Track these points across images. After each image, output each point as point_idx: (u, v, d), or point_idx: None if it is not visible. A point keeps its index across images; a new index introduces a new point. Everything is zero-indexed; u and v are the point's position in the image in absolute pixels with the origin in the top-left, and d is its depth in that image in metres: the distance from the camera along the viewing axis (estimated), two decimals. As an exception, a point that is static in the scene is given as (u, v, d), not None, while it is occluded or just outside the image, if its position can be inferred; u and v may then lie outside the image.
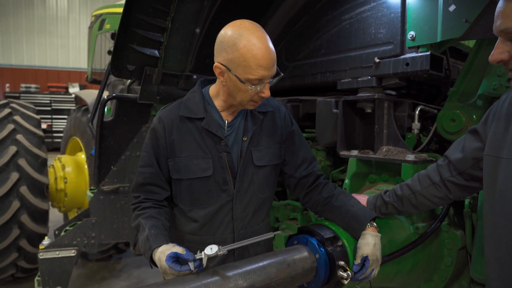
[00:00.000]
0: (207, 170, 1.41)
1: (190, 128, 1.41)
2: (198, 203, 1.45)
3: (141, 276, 4.13)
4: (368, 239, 1.37)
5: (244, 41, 1.24)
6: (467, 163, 1.28)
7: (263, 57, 1.25)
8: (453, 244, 1.65)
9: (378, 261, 1.37)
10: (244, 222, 1.49)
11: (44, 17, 15.84)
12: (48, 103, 13.80)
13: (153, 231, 1.32)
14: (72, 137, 4.94)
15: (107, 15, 5.76)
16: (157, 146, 1.43)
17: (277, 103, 1.58)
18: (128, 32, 2.16)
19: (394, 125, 1.87)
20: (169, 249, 1.22)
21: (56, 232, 3.08)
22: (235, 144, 1.45)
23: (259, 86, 1.30)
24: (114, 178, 2.77)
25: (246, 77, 1.27)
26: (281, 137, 1.53)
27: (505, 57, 0.99)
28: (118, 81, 4.67)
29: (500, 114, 1.15)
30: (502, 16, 0.96)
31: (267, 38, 1.29)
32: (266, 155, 1.48)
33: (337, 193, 1.53)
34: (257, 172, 1.48)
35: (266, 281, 1.22)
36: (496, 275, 1.12)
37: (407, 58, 1.72)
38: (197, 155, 1.41)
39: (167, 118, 1.43)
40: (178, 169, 1.42)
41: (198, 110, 1.42)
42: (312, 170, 1.57)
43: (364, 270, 1.34)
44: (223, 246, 1.19)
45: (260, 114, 1.48)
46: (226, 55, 1.27)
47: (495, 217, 1.12)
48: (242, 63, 1.25)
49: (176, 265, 1.16)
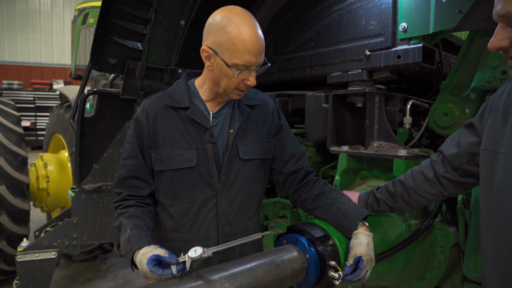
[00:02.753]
0: (191, 161, 1.36)
1: (174, 118, 1.37)
2: (180, 196, 1.38)
3: (127, 277, 4.05)
4: (361, 238, 1.33)
5: (233, 25, 1.23)
6: (463, 158, 1.24)
7: (252, 42, 1.23)
8: (446, 241, 1.62)
9: (372, 261, 1.33)
10: (230, 218, 1.43)
11: (26, 12, 15.48)
12: (31, 100, 13.50)
13: (135, 232, 1.26)
14: (54, 135, 4.82)
15: (91, 9, 5.62)
16: (141, 136, 1.38)
17: (265, 97, 1.54)
18: (108, 23, 2.06)
19: (385, 120, 1.82)
20: (151, 251, 1.16)
21: (37, 233, 2.97)
22: (221, 136, 1.40)
23: (245, 73, 1.27)
24: (96, 177, 2.67)
25: (233, 61, 1.25)
26: (269, 131, 1.49)
27: (506, 44, 0.94)
28: (100, 76, 4.55)
29: (498, 107, 1.10)
30: (503, 1, 0.91)
31: (257, 25, 1.28)
32: (253, 149, 1.44)
33: (327, 190, 1.49)
34: (243, 166, 1.43)
35: (253, 284, 1.17)
36: (494, 275, 1.08)
37: (399, 50, 1.68)
38: (181, 145, 1.36)
39: (151, 107, 1.39)
40: (161, 160, 1.37)
41: (183, 99, 1.38)
42: (301, 166, 1.54)
43: (358, 271, 1.29)
44: (208, 248, 1.14)
45: (247, 107, 1.45)
46: (215, 38, 1.26)
47: (492, 215, 1.07)
48: (230, 47, 1.23)
49: (158, 269, 1.10)
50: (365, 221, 1.40)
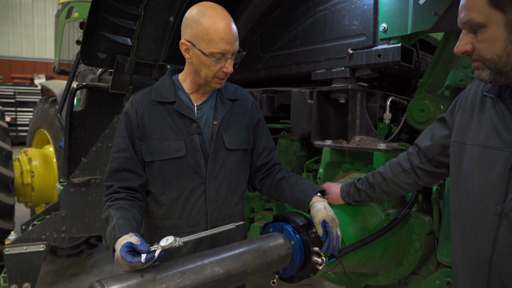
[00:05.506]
0: (179, 151, 1.44)
1: (162, 112, 1.45)
2: (170, 185, 1.46)
3: (114, 271, 4.06)
4: (317, 205, 1.45)
5: (207, 17, 1.34)
6: (436, 150, 1.34)
7: (225, 31, 1.34)
8: (422, 229, 1.72)
9: (335, 220, 1.43)
10: (217, 204, 1.52)
11: (5, 4, 15.03)
12: (12, 95, 13.16)
13: (121, 221, 1.26)
14: (39, 130, 4.75)
15: (75, 3, 5.57)
16: (131, 129, 1.44)
17: (245, 93, 1.67)
18: (98, 18, 2.09)
19: (366, 116, 1.91)
20: (126, 239, 1.15)
21: (23, 227, 2.96)
22: (206, 127, 1.50)
23: (222, 61, 1.37)
24: (85, 170, 2.69)
25: (209, 50, 1.35)
26: (248, 124, 1.61)
27: (469, 48, 1.04)
28: (88, 70, 4.52)
29: (466, 103, 1.20)
30: (465, 9, 1.01)
31: (229, 16, 1.40)
32: (237, 139, 1.55)
33: (288, 176, 1.63)
34: (228, 156, 1.53)
35: (242, 268, 1.23)
36: (460, 254, 1.18)
37: (379, 49, 1.76)
38: (169, 137, 1.44)
39: (139, 102, 1.47)
40: (150, 152, 1.44)
41: (169, 94, 1.47)
42: (271, 158, 1.68)
43: (330, 234, 1.38)
44: (180, 238, 1.14)
45: (229, 100, 1.56)
46: (191, 31, 1.37)
47: (459, 200, 1.18)
48: (205, 37, 1.34)
49: (128, 256, 1.07)
50: (320, 194, 1.52)
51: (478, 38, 1.01)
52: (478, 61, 1.04)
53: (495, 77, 1.03)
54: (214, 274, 1.16)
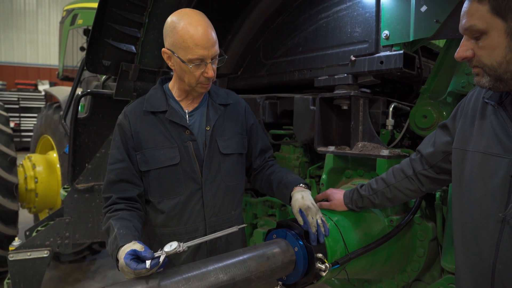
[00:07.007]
0: (174, 159, 1.45)
1: (154, 122, 1.47)
2: (167, 193, 1.47)
3: (116, 277, 4.06)
4: (295, 196, 1.48)
5: (182, 24, 1.35)
6: (438, 156, 1.34)
7: (200, 37, 1.34)
8: (425, 235, 1.72)
9: (312, 207, 1.43)
10: (215, 209, 1.52)
11: (10, 11, 15.17)
12: (15, 101, 13.23)
13: (122, 231, 1.26)
14: (43, 135, 4.78)
15: (80, 10, 5.61)
16: (125, 140, 1.46)
17: (237, 97, 1.69)
18: (103, 26, 2.12)
19: (369, 122, 1.92)
20: (130, 247, 1.16)
21: (27, 233, 2.97)
22: (200, 134, 1.51)
23: (201, 67, 1.38)
24: (89, 176, 2.71)
25: (188, 57, 1.36)
26: (242, 128, 1.63)
27: (469, 55, 1.05)
28: (92, 77, 4.55)
29: (467, 110, 1.21)
30: (467, 15, 1.02)
31: (206, 21, 1.39)
32: (231, 144, 1.56)
33: (277, 170, 1.66)
34: (223, 160, 1.54)
35: (246, 275, 1.24)
36: (463, 261, 1.18)
37: (382, 56, 1.77)
38: (164, 145, 1.45)
39: (132, 113, 1.48)
40: (145, 161, 1.45)
41: (160, 104, 1.49)
42: (267, 157, 1.73)
43: (306, 223, 1.39)
44: (183, 243, 1.16)
45: (220, 106, 1.57)
46: (169, 39, 1.38)
47: (462, 207, 1.18)
48: (182, 44, 1.35)
49: (133, 263, 1.08)
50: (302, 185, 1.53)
51: (478, 44, 1.02)
52: (478, 68, 1.05)
53: (494, 83, 1.03)
54: (218, 281, 1.17)
